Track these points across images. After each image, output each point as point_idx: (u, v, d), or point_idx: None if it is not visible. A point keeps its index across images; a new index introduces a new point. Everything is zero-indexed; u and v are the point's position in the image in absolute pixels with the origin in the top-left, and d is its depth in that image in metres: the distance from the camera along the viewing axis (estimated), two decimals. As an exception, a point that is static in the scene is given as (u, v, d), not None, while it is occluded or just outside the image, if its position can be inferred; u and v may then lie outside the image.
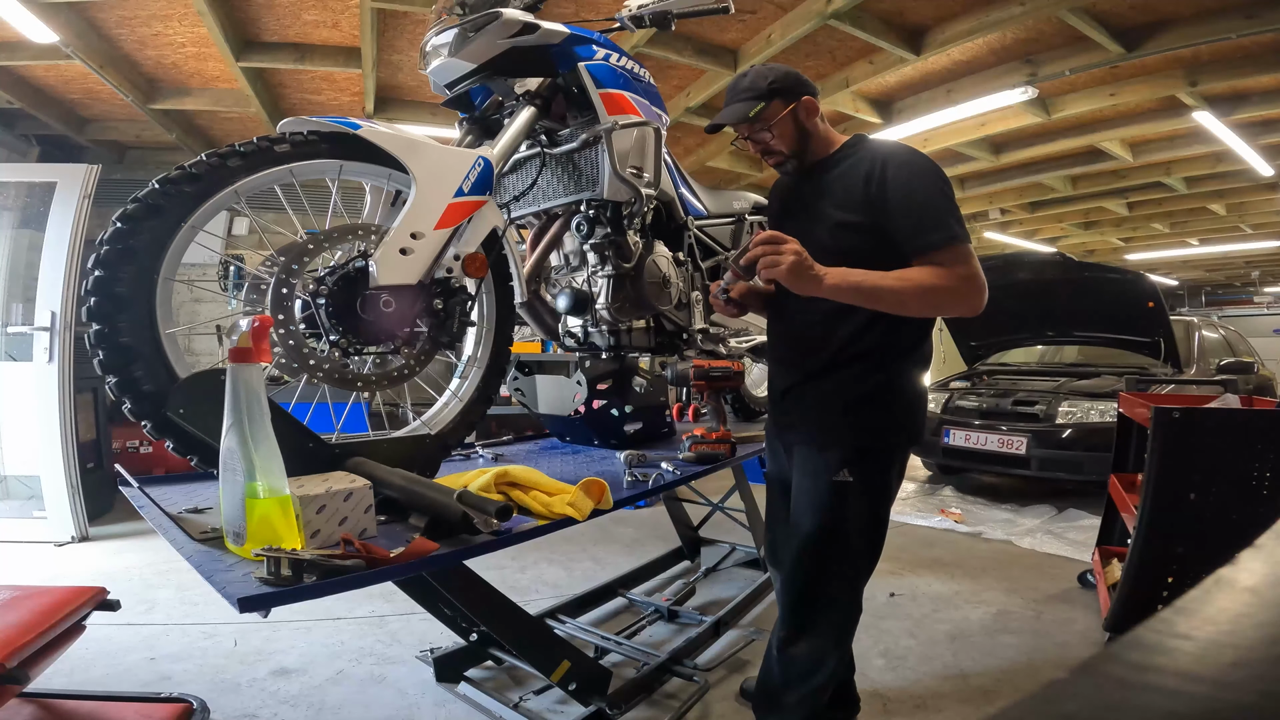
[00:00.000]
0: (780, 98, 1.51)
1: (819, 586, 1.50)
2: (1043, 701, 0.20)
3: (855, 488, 1.45)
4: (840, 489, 1.45)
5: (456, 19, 1.57)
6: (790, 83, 1.53)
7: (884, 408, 1.47)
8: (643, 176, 1.78)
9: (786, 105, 1.51)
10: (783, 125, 1.53)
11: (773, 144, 1.55)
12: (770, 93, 1.51)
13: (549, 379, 2.15)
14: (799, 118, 1.53)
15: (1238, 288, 14.37)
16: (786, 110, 1.51)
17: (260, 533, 1.01)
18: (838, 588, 1.50)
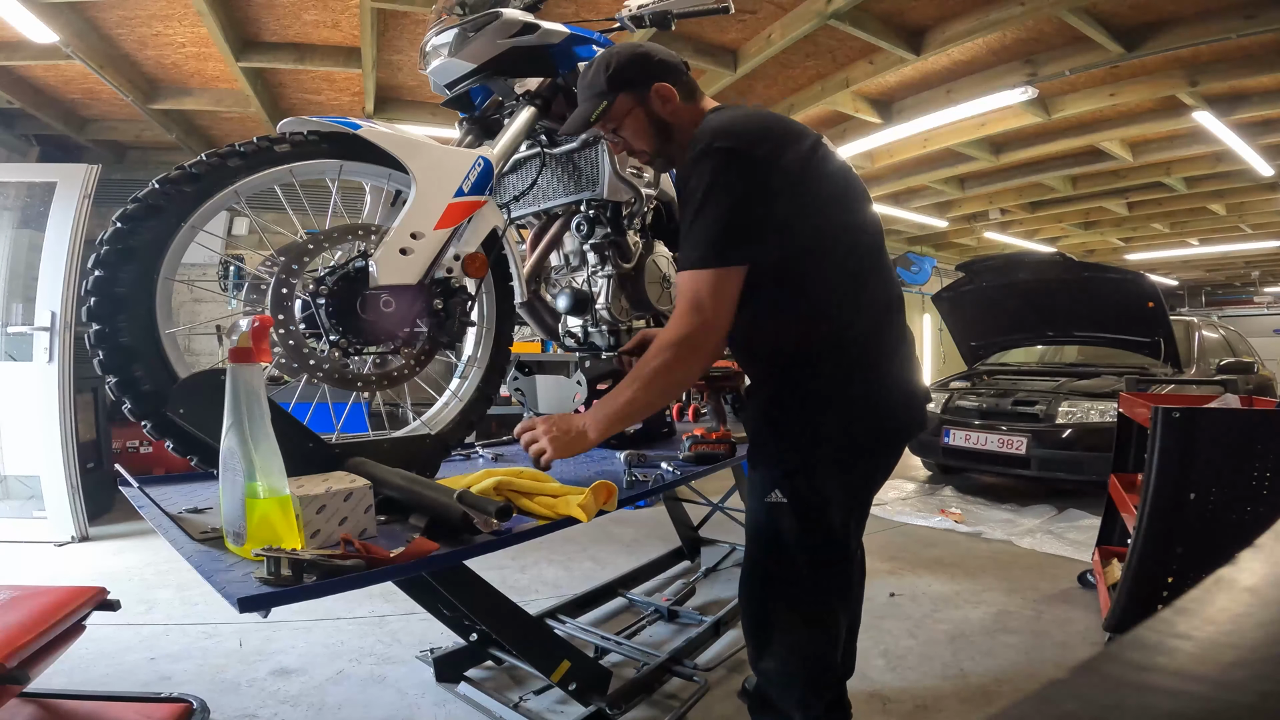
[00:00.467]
0: (625, 90, 1.35)
1: (766, 610, 1.38)
2: (1043, 701, 0.20)
3: (787, 509, 1.30)
4: (773, 510, 1.31)
5: (456, 19, 1.57)
6: (634, 71, 1.35)
7: (807, 420, 1.31)
8: (643, 176, 1.78)
9: (635, 98, 1.35)
10: (635, 121, 1.38)
11: (632, 143, 1.41)
12: (612, 86, 1.35)
13: (549, 379, 2.15)
14: (653, 109, 1.36)
15: (1238, 288, 14.37)
16: (636, 104, 1.36)
17: (260, 533, 1.01)
18: (785, 611, 1.35)
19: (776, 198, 1.22)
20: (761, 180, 1.22)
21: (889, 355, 1.34)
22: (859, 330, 1.30)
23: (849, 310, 1.29)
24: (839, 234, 1.30)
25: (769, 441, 1.36)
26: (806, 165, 1.26)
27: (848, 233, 1.31)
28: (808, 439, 1.31)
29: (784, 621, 1.35)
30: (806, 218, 1.25)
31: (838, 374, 1.30)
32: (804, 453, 1.31)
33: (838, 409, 1.30)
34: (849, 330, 1.29)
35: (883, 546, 3.71)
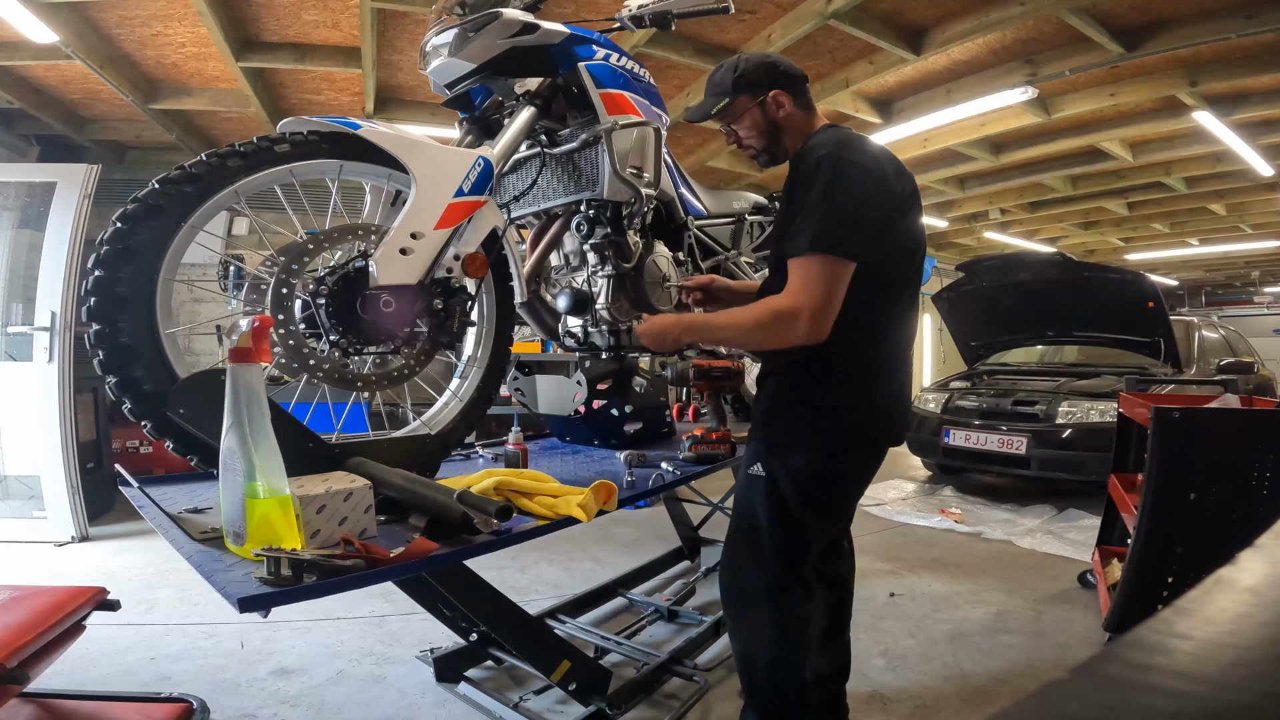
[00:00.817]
0: (747, 92, 1.48)
1: (733, 580, 1.51)
2: (1043, 701, 0.20)
3: (762, 483, 1.44)
4: (752, 481, 1.47)
5: (456, 19, 1.57)
6: (758, 76, 1.49)
7: (796, 414, 1.44)
8: (643, 176, 1.78)
9: (754, 100, 1.49)
10: (750, 120, 1.51)
11: (744, 139, 1.54)
12: (736, 87, 1.49)
13: (549, 379, 2.15)
14: (768, 112, 1.49)
15: (1238, 288, 14.37)
16: (754, 105, 1.49)
17: (260, 533, 1.01)
18: (749, 585, 1.47)
19: (878, 217, 1.36)
20: (873, 194, 1.35)
21: (892, 375, 1.47)
22: (880, 351, 1.45)
23: (879, 333, 1.44)
24: (903, 270, 1.45)
25: (767, 422, 1.49)
26: (904, 199, 1.42)
27: (906, 272, 1.46)
28: (791, 428, 1.45)
29: (744, 595, 1.47)
30: (887, 247, 1.39)
31: (849, 383, 1.42)
32: (786, 436, 1.45)
33: (836, 408, 1.42)
34: (873, 348, 1.43)
35: (883, 546, 3.71)
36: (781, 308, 1.35)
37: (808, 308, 1.32)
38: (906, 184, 1.44)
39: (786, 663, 1.44)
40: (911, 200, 1.45)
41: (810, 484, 1.43)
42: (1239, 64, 3.88)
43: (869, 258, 1.35)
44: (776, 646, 1.43)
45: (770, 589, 1.44)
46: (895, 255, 1.42)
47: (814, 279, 1.32)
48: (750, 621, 1.47)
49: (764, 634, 1.44)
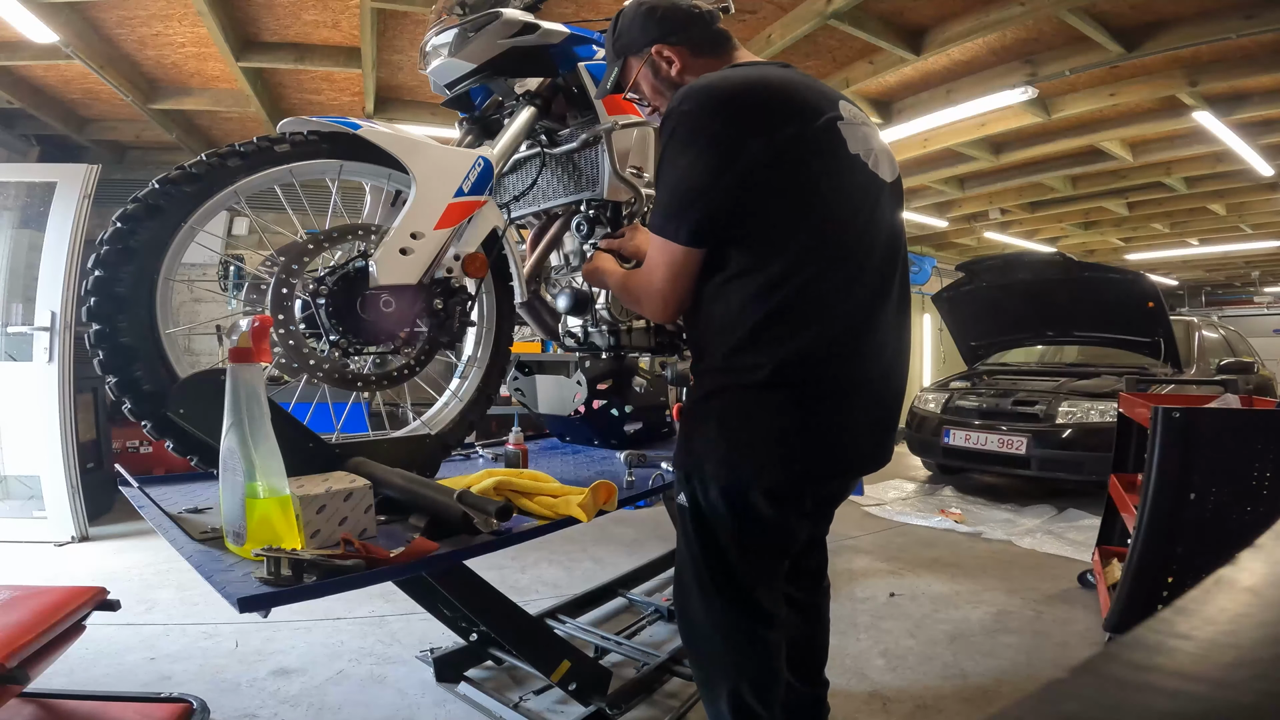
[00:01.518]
0: (631, 54, 1.30)
1: (682, 611, 1.30)
2: (1043, 701, 0.20)
3: (688, 512, 1.22)
4: (681, 512, 1.25)
5: (456, 19, 1.57)
6: (634, 33, 1.28)
7: (695, 429, 1.20)
8: (643, 176, 1.78)
9: (641, 61, 1.29)
10: (647, 85, 1.31)
11: (656, 107, 1.33)
12: (618, 52, 1.32)
13: (549, 379, 2.15)
14: (660, 73, 1.29)
15: (1238, 288, 14.36)
16: (642, 66, 1.29)
17: (260, 533, 1.01)
18: (697, 615, 1.26)
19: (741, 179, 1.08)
20: (724, 156, 1.08)
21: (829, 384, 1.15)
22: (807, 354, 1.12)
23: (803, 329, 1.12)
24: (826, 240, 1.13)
25: (679, 442, 1.26)
26: (786, 151, 1.08)
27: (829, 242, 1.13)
28: (700, 451, 1.19)
29: (689, 625, 1.29)
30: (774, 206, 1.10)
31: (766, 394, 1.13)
32: (695, 462, 1.20)
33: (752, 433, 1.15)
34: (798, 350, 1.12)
35: (883, 546, 3.71)
36: (634, 285, 1.25)
37: (648, 291, 1.20)
38: (792, 125, 1.09)
39: (749, 689, 1.24)
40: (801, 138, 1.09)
41: (731, 521, 1.18)
42: (1239, 64, 3.88)
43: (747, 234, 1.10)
44: (736, 675, 1.23)
45: (719, 621, 1.23)
46: (802, 217, 1.11)
47: (653, 263, 1.18)
48: (705, 651, 1.29)
49: (721, 663, 1.26)
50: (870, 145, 1.20)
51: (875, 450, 1.26)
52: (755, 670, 1.25)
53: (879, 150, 1.22)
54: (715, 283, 1.16)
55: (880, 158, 1.22)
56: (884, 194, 1.22)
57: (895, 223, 1.26)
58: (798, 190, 1.11)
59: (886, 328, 1.20)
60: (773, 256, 1.11)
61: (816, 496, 1.27)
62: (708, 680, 1.29)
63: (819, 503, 1.33)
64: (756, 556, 1.22)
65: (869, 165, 1.18)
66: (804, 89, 1.17)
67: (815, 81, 1.24)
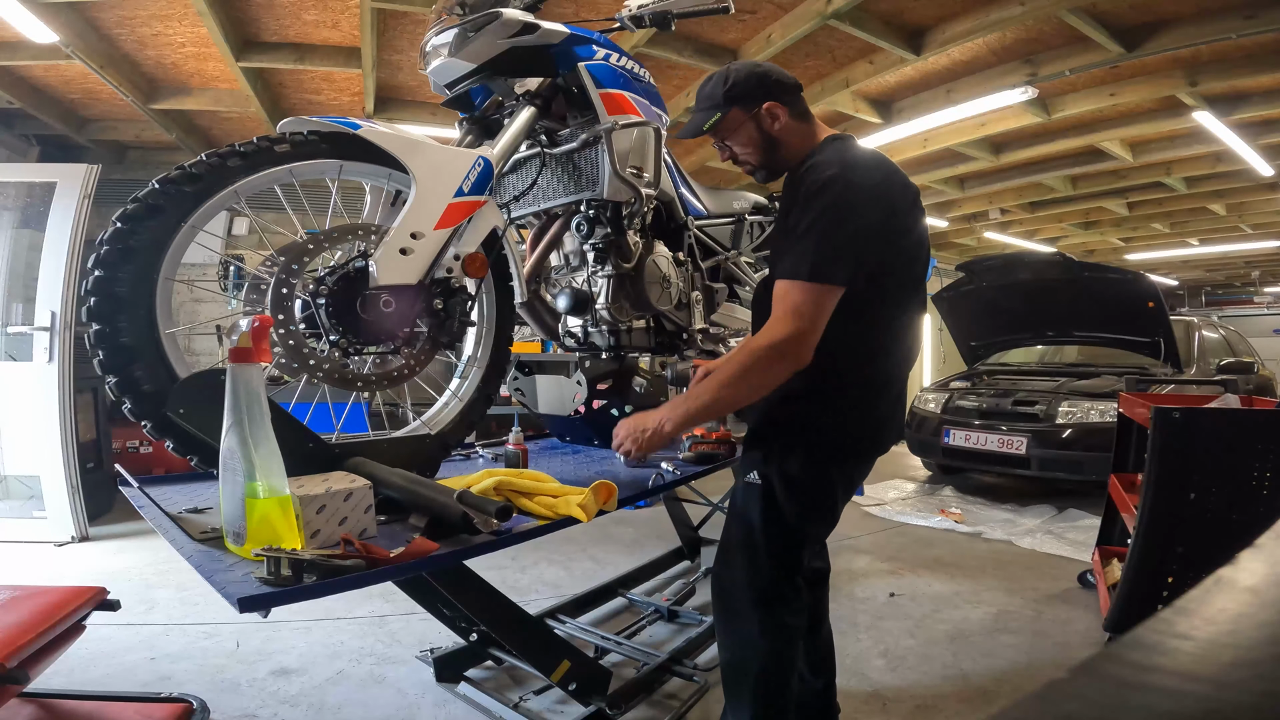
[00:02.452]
0: (740, 105, 1.43)
1: (728, 588, 1.46)
2: (1043, 701, 0.20)
3: (757, 490, 1.42)
4: (747, 490, 1.45)
5: (456, 19, 1.57)
6: (749, 88, 1.43)
7: (792, 424, 1.43)
8: (643, 176, 1.78)
9: (747, 113, 1.44)
10: (744, 134, 1.46)
11: (739, 154, 1.50)
12: (728, 101, 1.44)
13: (549, 379, 2.15)
14: (763, 125, 1.45)
15: (1238, 288, 14.36)
16: (747, 118, 1.44)
17: (260, 533, 1.01)
18: (743, 592, 1.43)
19: (879, 240, 1.33)
20: (876, 220, 1.32)
21: (889, 386, 1.46)
22: (878, 367, 1.44)
23: (878, 349, 1.43)
24: (903, 283, 1.42)
25: (764, 433, 1.47)
26: (906, 219, 1.39)
27: (906, 284, 1.43)
28: (793, 437, 1.43)
29: (734, 605, 1.45)
30: (890, 266, 1.37)
31: (846, 398, 1.41)
32: (787, 447, 1.43)
33: (830, 422, 1.42)
34: (871, 365, 1.42)
35: (882, 546, 3.71)
36: (762, 346, 1.32)
37: (793, 335, 1.30)
38: (909, 196, 1.42)
39: (777, 672, 1.41)
40: (915, 213, 1.43)
41: (805, 491, 1.41)
42: (1239, 64, 3.88)
43: (865, 278, 1.33)
44: (768, 655, 1.40)
45: (765, 597, 1.41)
46: (896, 272, 1.40)
47: (800, 305, 1.30)
48: (743, 629, 1.43)
49: (756, 642, 1.41)
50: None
51: (897, 434, 1.54)
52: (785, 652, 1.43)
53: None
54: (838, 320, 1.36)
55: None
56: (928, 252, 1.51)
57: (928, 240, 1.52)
58: (902, 254, 1.40)
59: (918, 334, 1.51)
60: (874, 306, 1.38)
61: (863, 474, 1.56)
62: (738, 660, 1.45)
63: None
64: (815, 524, 1.48)
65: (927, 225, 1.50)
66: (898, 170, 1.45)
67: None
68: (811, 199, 1.32)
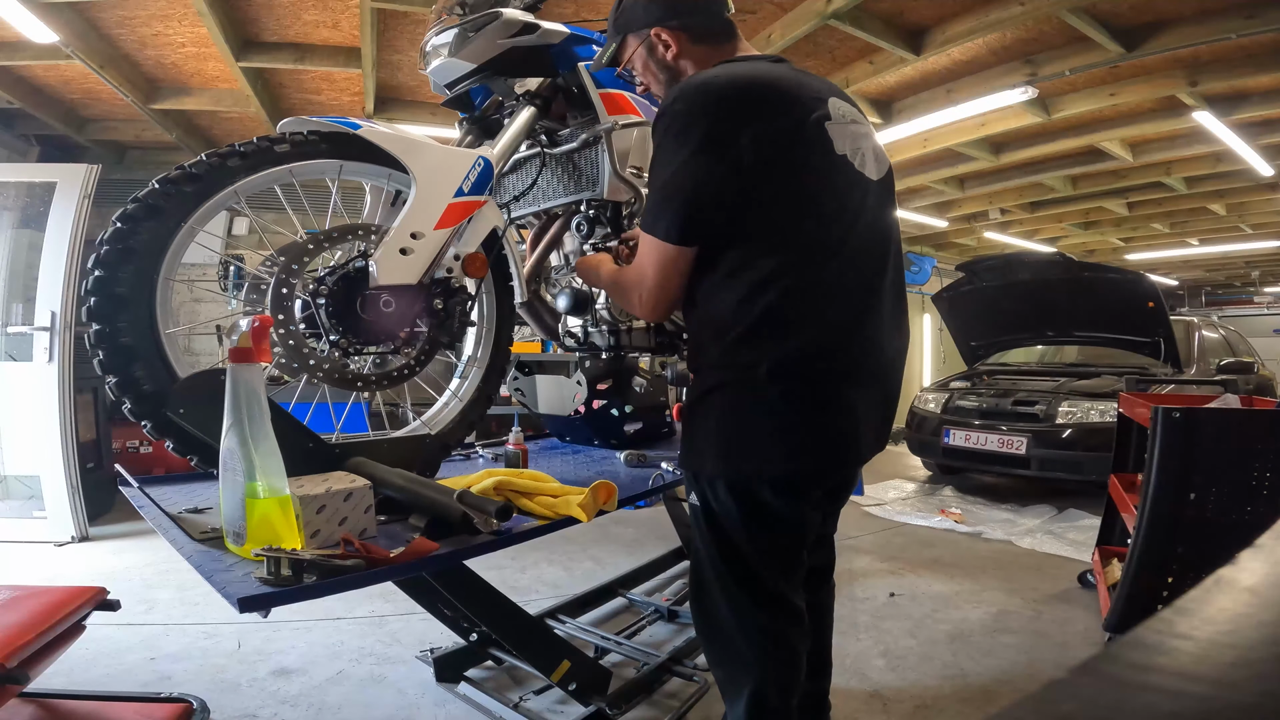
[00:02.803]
0: (630, 31, 1.27)
1: (700, 609, 1.30)
2: (1043, 701, 0.20)
3: (700, 512, 1.22)
4: (693, 512, 1.25)
5: (456, 19, 1.57)
6: (636, 11, 1.25)
7: (700, 428, 1.20)
8: (643, 176, 1.78)
9: (639, 40, 1.26)
10: (642, 65, 1.28)
11: (650, 89, 1.32)
12: (617, 28, 1.28)
13: (549, 379, 2.15)
14: (656, 54, 1.26)
15: (1238, 288, 14.35)
16: (640, 46, 1.26)
17: (260, 533, 1.01)
18: (716, 613, 1.25)
19: (728, 181, 1.09)
20: (714, 156, 1.09)
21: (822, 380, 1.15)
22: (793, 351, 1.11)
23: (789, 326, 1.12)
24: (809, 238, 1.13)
25: (689, 443, 1.25)
26: (774, 150, 1.10)
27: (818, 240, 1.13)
28: (696, 449, 1.21)
29: (706, 627, 1.30)
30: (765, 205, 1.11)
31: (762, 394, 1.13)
32: (694, 462, 1.22)
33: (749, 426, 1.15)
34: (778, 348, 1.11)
35: (882, 546, 3.71)
36: (625, 283, 1.25)
37: (637, 289, 1.20)
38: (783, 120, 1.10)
39: (773, 688, 1.23)
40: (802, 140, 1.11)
41: (743, 518, 1.18)
42: (1239, 64, 3.88)
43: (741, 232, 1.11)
44: (760, 675, 1.22)
45: (744, 619, 1.22)
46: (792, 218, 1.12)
47: (643, 261, 1.18)
48: (726, 652, 1.27)
49: (744, 662, 1.24)
50: (858, 144, 1.20)
51: (874, 441, 1.27)
52: (779, 669, 1.24)
53: (867, 148, 1.22)
54: (710, 281, 1.17)
55: (868, 156, 1.22)
56: (870, 193, 1.21)
57: (884, 220, 1.26)
58: (785, 189, 1.12)
59: (880, 324, 1.20)
60: (763, 255, 1.12)
61: (825, 486, 1.27)
62: (729, 679, 1.28)
63: (827, 493, 1.32)
64: (773, 551, 1.22)
65: (855, 165, 1.19)
66: (794, 86, 1.16)
67: (808, 77, 1.23)
68: (654, 141, 1.16)
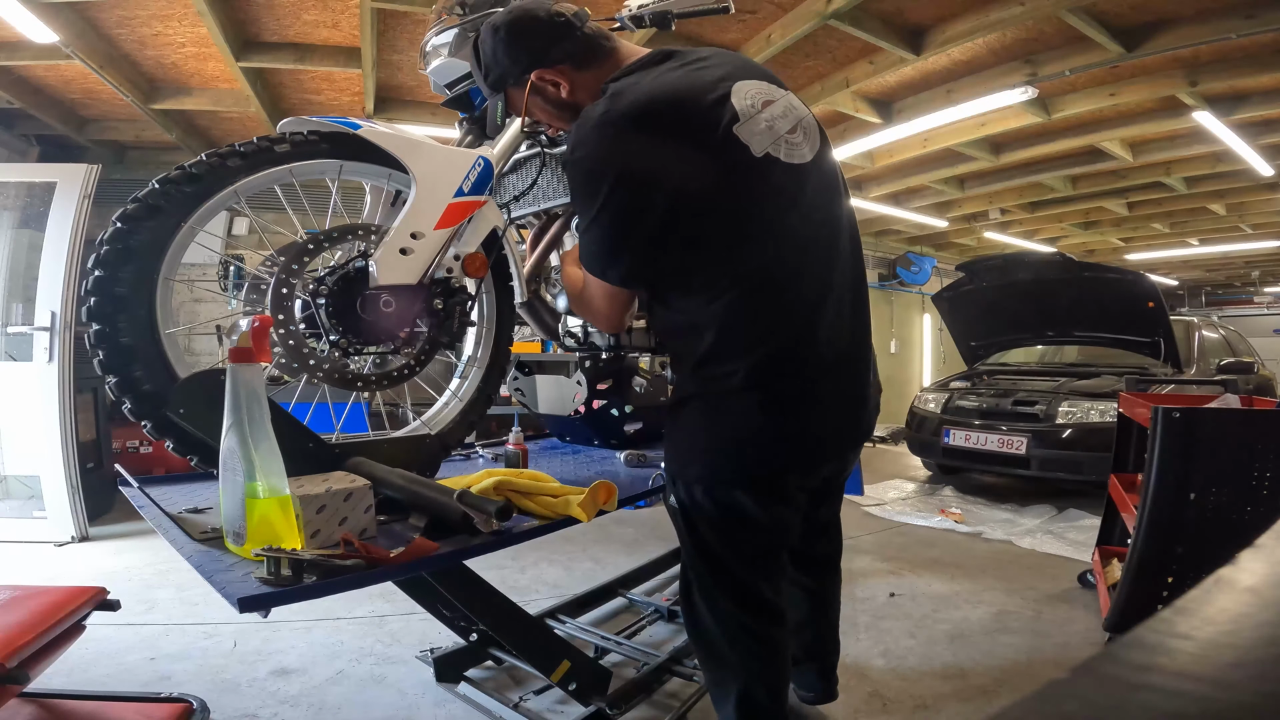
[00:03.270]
0: (510, 86, 1.23)
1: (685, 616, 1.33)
2: (1043, 701, 0.20)
3: (679, 514, 1.26)
4: (673, 514, 1.28)
5: (456, 19, 1.57)
6: (505, 65, 1.20)
7: (676, 434, 1.24)
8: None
9: (521, 91, 1.21)
10: (540, 111, 1.26)
11: (560, 128, 1.31)
12: (494, 88, 1.25)
13: (549, 379, 2.15)
14: (550, 97, 1.22)
15: (1238, 288, 14.36)
16: (526, 95, 1.21)
17: (260, 533, 1.01)
18: (694, 621, 1.29)
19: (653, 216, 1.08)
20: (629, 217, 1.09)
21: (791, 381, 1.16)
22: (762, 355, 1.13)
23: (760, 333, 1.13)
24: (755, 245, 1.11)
25: (668, 446, 1.28)
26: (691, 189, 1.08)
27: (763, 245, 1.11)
28: (673, 453, 1.26)
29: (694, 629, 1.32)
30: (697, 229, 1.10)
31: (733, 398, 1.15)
32: (674, 464, 1.26)
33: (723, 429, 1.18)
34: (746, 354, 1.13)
35: (883, 546, 3.71)
36: (585, 300, 1.29)
37: (592, 310, 1.28)
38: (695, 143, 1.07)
39: (760, 689, 1.25)
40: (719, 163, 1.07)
41: (720, 519, 1.20)
42: (1239, 64, 3.88)
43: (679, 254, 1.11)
44: (746, 675, 1.24)
45: (724, 621, 1.24)
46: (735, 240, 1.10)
47: (592, 288, 1.23)
48: (712, 653, 1.29)
49: (729, 663, 1.26)
50: (776, 132, 1.12)
51: (854, 429, 1.28)
52: (764, 669, 1.26)
53: (792, 132, 1.14)
54: (671, 301, 1.20)
55: (794, 140, 1.14)
56: (807, 180, 1.15)
57: (828, 205, 1.20)
58: (714, 209, 1.10)
59: (840, 313, 1.19)
60: (716, 276, 1.12)
61: (803, 487, 1.27)
62: (717, 681, 1.31)
63: (813, 491, 1.33)
64: (751, 553, 1.24)
65: (781, 158, 1.12)
66: (692, 94, 1.09)
67: (703, 70, 1.14)
68: (569, 183, 1.17)
